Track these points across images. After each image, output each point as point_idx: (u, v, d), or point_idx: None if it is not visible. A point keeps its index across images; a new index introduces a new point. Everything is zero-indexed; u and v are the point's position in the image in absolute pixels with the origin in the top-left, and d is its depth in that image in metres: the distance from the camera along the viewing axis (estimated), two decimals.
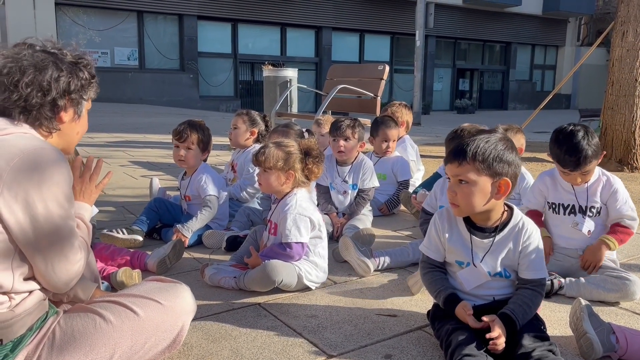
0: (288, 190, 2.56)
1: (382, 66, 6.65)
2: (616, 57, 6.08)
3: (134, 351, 1.58)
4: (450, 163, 1.85)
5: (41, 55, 1.55)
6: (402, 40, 23.79)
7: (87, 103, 1.70)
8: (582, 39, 28.92)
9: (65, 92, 1.58)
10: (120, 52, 18.14)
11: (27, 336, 1.47)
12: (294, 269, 2.43)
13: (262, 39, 20.97)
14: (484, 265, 1.92)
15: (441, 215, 2.03)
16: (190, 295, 1.77)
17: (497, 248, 1.92)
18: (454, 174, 1.84)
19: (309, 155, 2.56)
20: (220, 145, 7.26)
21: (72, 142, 1.72)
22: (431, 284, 1.99)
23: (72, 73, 1.60)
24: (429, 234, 2.04)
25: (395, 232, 3.58)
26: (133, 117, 12.59)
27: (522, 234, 1.90)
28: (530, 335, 1.76)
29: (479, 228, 1.94)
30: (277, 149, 2.52)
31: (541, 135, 10.63)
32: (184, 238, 3.08)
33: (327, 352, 1.91)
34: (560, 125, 2.54)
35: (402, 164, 4.14)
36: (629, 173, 5.94)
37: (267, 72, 7.87)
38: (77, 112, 1.66)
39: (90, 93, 1.69)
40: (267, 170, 2.52)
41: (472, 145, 1.79)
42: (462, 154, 1.80)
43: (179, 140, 3.26)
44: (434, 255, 2.02)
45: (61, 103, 1.57)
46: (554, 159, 2.52)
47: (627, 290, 2.35)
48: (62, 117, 1.60)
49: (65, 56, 1.61)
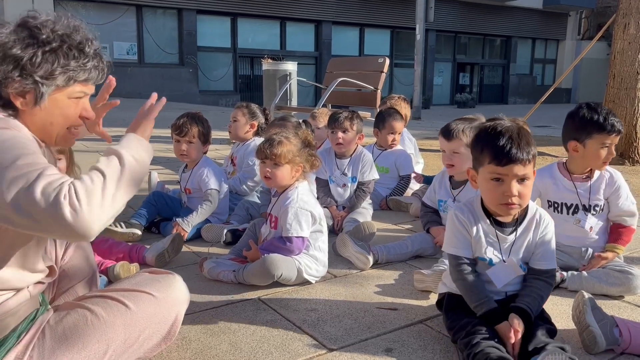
0: (290, 184, 2.54)
1: (382, 59, 6.62)
2: (618, 49, 6.05)
3: (129, 345, 1.55)
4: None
5: (6, 31, 1.36)
6: (402, 34, 23.70)
7: (63, 89, 1.44)
8: (583, 33, 28.80)
9: (8, 72, 1.35)
10: (119, 47, 18.05)
11: (12, 337, 1.42)
12: (293, 263, 2.41)
13: (262, 33, 20.88)
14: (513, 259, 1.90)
15: (461, 210, 1.94)
16: (182, 285, 1.72)
17: (519, 242, 1.91)
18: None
19: (309, 147, 2.54)
20: (219, 139, 7.23)
21: (47, 133, 1.46)
22: (471, 291, 1.86)
23: (31, 51, 1.36)
24: (452, 232, 1.95)
25: (396, 226, 3.56)
26: (132, 111, 12.47)
27: (541, 224, 1.90)
28: (543, 329, 1.76)
29: (500, 223, 1.91)
30: (289, 143, 2.48)
31: (542, 129, 10.60)
32: (184, 232, 3.06)
33: (327, 346, 1.90)
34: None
35: (405, 158, 4.11)
36: (630, 166, 5.92)
37: (266, 65, 7.83)
38: (35, 98, 1.39)
39: (63, 78, 1.41)
40: (279, 164, 2.48)
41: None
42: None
43: (179, 134, 3.22)
44: (465, 253, 1.91)
45: (3, 84, 1.36)
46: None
47: (630, 284, 2.33)
48: (14, 101, 1.38)
49: (40, 33, 1.38)
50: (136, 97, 17.57)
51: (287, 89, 7.40)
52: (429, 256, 2.86)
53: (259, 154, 2.54)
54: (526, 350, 1.70)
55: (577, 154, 2.49)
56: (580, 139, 2.45)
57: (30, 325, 1.47)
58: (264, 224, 2.68)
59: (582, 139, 2.44)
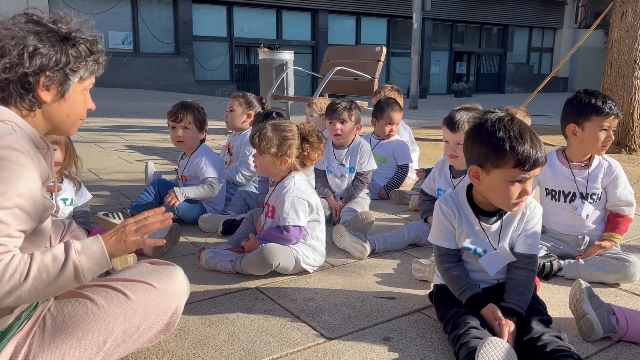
0: (285, 174, 2.53)
1: (379, 48, 6.59)
2: (615, 37, 6.02)
3: (128, 335, 1.55)
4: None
5: (26, 27, 1.41)
6: (399, 23, 23.60)
7: (82, 82, 1.52)
8: (580, 21, 28.71)
9: (41, 68, 1.40)
10: (114, 36, 17.92)
11: (16, 325, 1.43)
12: (291, 252, 2.40)
13: (258, 22, 20.75)
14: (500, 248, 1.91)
15: (446, 201, 1.97)
16: (183, 276, 1.73)
17: (505, 230, 1.91)
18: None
19: (305, 141, 2.51)
20: (216, 128, 7.21)
21: (63, 125, 1.53)
22: (454, 281, 1.90)
23: (58, 48, 1.43)
24: (438, 222, 1.98)
25: (394, 215, 3.56)
26: (128, 101, 12.49)
27: (527, 210, 1.91)
28: (536, 320, 1.76)
29: (484, 212, 1.92)
30: (273, 132, 2.47)
31: (539, 118, 10.61)
32: (175, 200, 3.08)
33: (325, 335, 1.90)
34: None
35: (403, 148, 4.11)
36: (626, 155, 5.92)
37: (262, 54, 7.78)
38: (61, 91, 1.46)
39: (84, 71, 1.50)
40: (262, 153, 2.49)
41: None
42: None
43: (175, 120, 3.22)
44: (449, 244, 1.95)
45: (33, 79, 1.40)
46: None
47: (626, 272, 2.34)
48: (40, 95, 1.43)
49: (58, 29, 1.44)
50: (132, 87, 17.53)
51: (284, 78, 7.36)
52: (425, 245, 2.86)
53: (250, 141, 2.60)
54: (522, 341, 1.70)
55: (575, 138, 2.49)
56: (578, 122, 2.46)
57: (32, 313, 1.47)
58: (261, 213, 2.68)
59: (581, 122, 2.45)
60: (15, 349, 1.41)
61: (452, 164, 2.90)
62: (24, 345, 1.42)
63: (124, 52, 18.00)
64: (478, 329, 1.70)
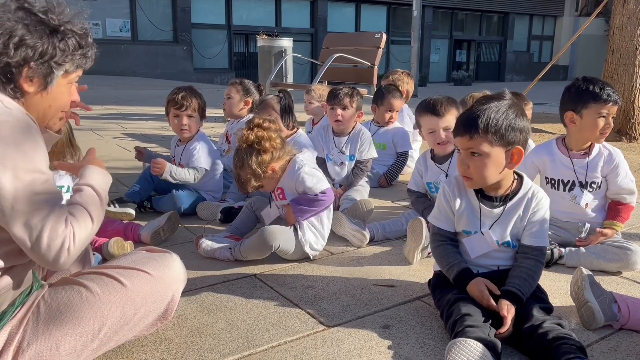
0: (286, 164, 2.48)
1: (379, 34, 6.53)
2: (617, 24, 5.98)
3: (124, 322, 1.54)
4: (460, 136, 1.78)
5: (15, 15, 1.39)
6: (399, 10, 23.46)
7: (67, 75, 1.50)
8: (581, 9, 28.55)
9: (26, 59, 1.38)
10: (112, 24, 17.79)
11: (9, 312, 1.41)
12: (291, 235, 2.39)
13: (257, 10, 20.62)
14: (492, 233, 1.88)
15: (450, 183, 1.98)
16: (180, 264, 1.71)
17: (507, 217, 1.89)
18: (466, 147, 1.78)
19: (258, 127, 2.40)
20: (214, 116, 7.17)
21: (45, 116, 1.52)
22: (442, 257, 1.93)
23: (46, 40, 1.41)
24: (438, 203, 1.99)
25: (393, 203, 3.54)
26: (126, 89, 12.43)
27: (532, 200, 1.88)
28: (537, 307, 1.74)
29: (488, 197, 1.90)
30: (244, 171, 2.39)
31: (539, 106, 10.56)
32: (159, 170, 3.03)
33: (324, 323, 1.88)
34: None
35: (402, 135, 4.08)
36: (627, 143, 5.90)
37: (261, 41, 7.73)
38: (44, 83, 1.45)
39: (70, 65, 1.48)
40: (266, 178, 2.45)
41: (483, 117, 1.72)
42: (473, 126, 1.73)
43: (179, 109, 3.17)
44: (444, 226, 1.97)
45: (16, 70, 1.38)
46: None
47: (628, 260, 2.32)
48: (22, 85, 1.41)
49: (49, 20, 1.42)
50: (130, 75, 17.43)
51: (283, 65, 7.31)
52: None
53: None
54: (523, 328, 1.69)
55: (574, 126, 2.47)
56: (576, 110, 2.43)
57: (25, 300, 1.45)
58: (266, 206, 2.65)
59: (579, 109, 2.43)
60: (8, 336, 1.39)
61: (441, 152, 2.79)
62: (18, 332, 1.40)
63: (121, 40, 17.89)
64: (471, 316, 1.68)
